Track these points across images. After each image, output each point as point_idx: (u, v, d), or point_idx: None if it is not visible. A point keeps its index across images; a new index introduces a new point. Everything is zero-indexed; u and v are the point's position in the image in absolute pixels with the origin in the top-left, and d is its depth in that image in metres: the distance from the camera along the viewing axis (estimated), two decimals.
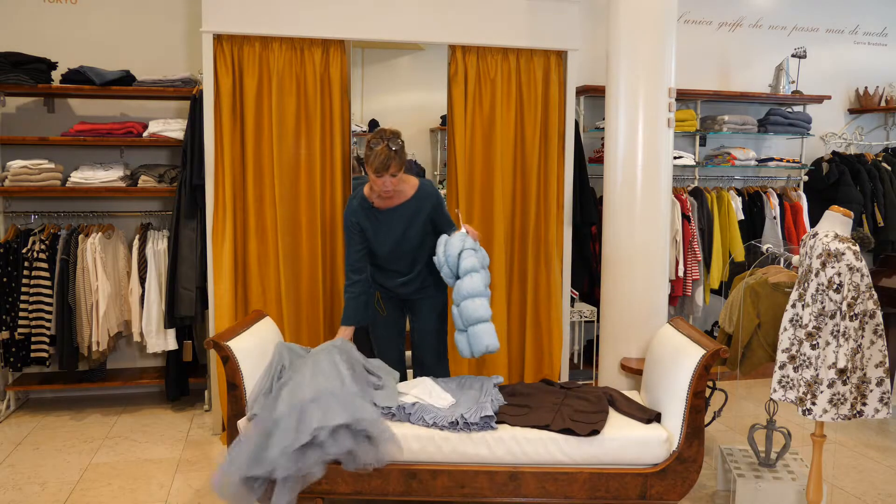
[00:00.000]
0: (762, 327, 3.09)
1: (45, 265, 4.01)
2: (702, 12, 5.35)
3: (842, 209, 2.57)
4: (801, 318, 2.52)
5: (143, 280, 4.11)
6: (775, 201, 5.07)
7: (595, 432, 2.67)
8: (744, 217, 5.02)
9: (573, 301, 4.58)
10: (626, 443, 2.68)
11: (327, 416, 2.53)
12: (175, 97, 4.27)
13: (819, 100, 5.37)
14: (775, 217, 5.05)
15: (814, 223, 4.23)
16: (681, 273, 4.69)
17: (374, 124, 4.69)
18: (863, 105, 5.70)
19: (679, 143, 5.12)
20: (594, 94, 4.85)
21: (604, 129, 3.83)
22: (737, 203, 4.99)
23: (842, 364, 2.38)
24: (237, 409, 2.78)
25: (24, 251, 4.00)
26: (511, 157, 4.12)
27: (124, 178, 4.16)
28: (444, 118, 4.31)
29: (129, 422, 4.06)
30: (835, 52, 5.67)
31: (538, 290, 4.23)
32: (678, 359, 2.80)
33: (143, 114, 4.39)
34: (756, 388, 4.72)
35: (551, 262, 4.21)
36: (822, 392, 2.42)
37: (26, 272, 3.99)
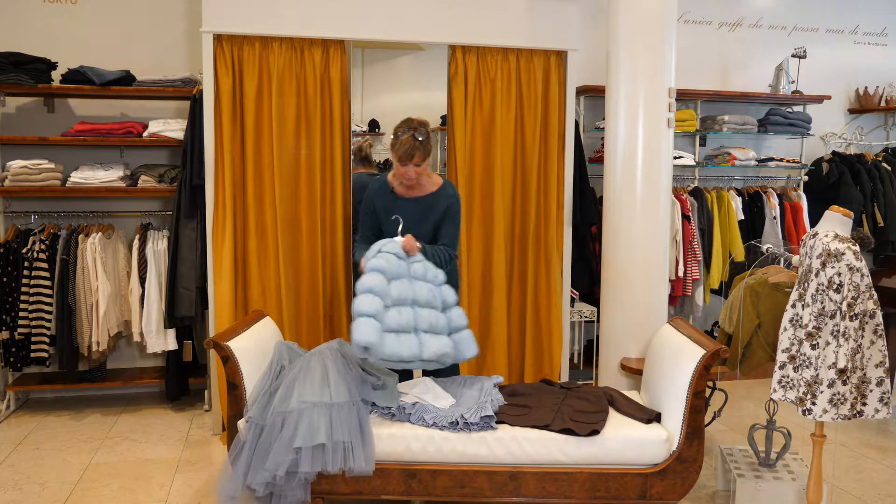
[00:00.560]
0: (762, 327, 3.09)
1: (45, 265, 4.01)
2: (702, 12, 5.35)
3: (842, 209, 2.57)
4: (801, 318, 2.52)
5: (143, 280, 4.11)
6: (775, 201, 5.07)
7: (595, 432, 2.67)
8: (744, 217, 5.02)
9: (573, 301, 4.58)
10: (626, 443, 2.68)
11: (307, 435, 2.54)
12: (175, 97, 4.27)
13: (819, 100, 5.37)
14: (775, 217, 5.05)
15: (814, 223, 4.23)
16: (681, 273, 4.69)
17: (374, 124, 4.70)
18: (863, 105, 5.70)
19: (679, 143, 5.12)
20: (594, 94, 4.85)
21: (604, 129, 3.83)
22: (737, 203, 4.99)
23: (842, 364, 2.38)
24: (237, 409, 2.78)
25: (24, 251, 4.00)
26: (511, 157, 4.13)
27: (124, 178, 4.16)
28: (444, 118, 4.31)
29: (129, 422, 4.06)
30: (835, 52, 5.67)
31: (538, 290, 4.23)
32: (678, 359, 2.80)
33: (143, 114, 4.39)
34: (756, 388, 4.72)
35: (551, 263, 4.21)
36: (822, 392, 2.42)
37: (26, 272, 3.99)
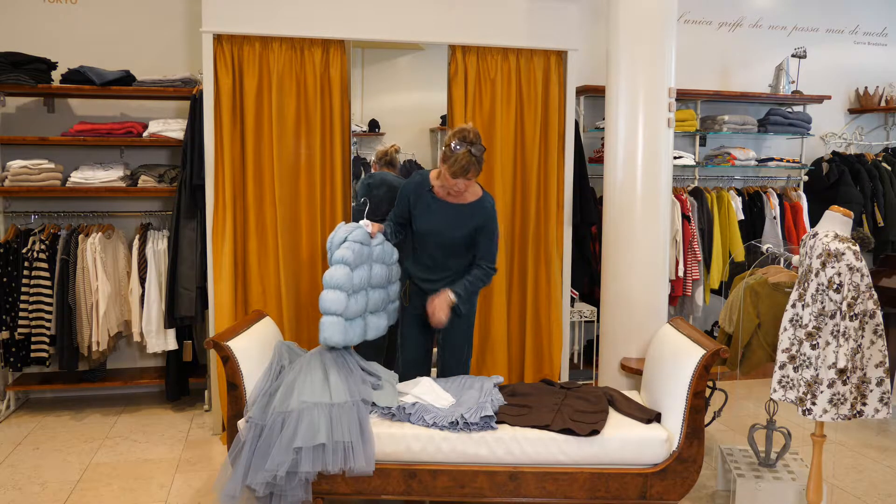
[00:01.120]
0: (762, 327, 3.09)
1: (45, 265, 4.01)
2: (702, 12, 5.35)
3: (842, 209, 2.57)
4: (801, 318, 2.52)
5: (143, 280, 4.11)
6: (775, 201, 5.07)
7: (595, 432, 2.67)
8: (744, 217, 5.02)
9: (573, 301, 4.58)
10: (626, 443, 2.68)
11: (307, 435, 2.55)
12: (175, 97, 4.27)
13: (819, 100, 5.37)
14: (775, 217, 5.05)
15: (814, 223, 4.23)
16: (681, 273, 4.69)
17: (374, 124, 4.69)
18: (863, 105, 5.70)
19: (679, 143, 5.13)
20: (594, 94, 4.85)
21: (604, 129, 3.83)
22: (737, 203, 4.99)
23: (842, 364, 2.38)
24: (237, 409, 2.78)
25: (24, 251, 4.00)
26: (511, 157, 4.13)
27: (124, 178, 4.16)
28: (444, 118, 4.31)
29: (129, 422, 4.06)
30: (835, 52, 5.67)
31: (538, 290, 4.22)
32: (678, 359, 2.80)
33: (143, 114, 4.39)
34: (756, 388, 4.72)
35: (551, 262, 4.21)
36: (822, 392, 2.42)
37: (26, 272, 3.99)
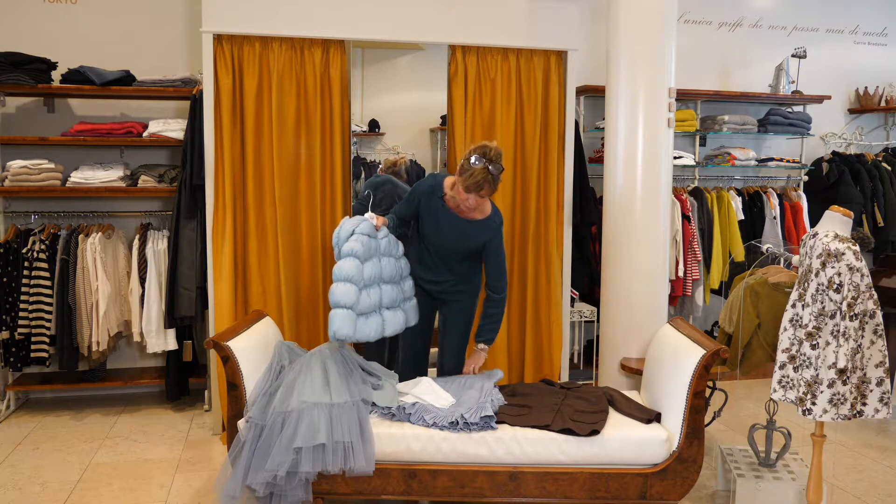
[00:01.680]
0: (762, 327, 3.09)
1: (45, 265, 4.01)
2: (702, 12, 5.35)
3: (842, 209, 2.57)
4: (801, 318, 2.52)
5: (143, 280, 4.11)
6: (775, 201, 5.07)
7: (595, 432, 2.67)
8: (744, 217, 5.02)
9: (573, 301, 4.58)
10: (626, 443, 2.68)
11: (308, 435, 2.55)
12: (175, 97, 4.27)
13: (819, 100, 5.37)
14: (775, 217, 5.05)
15: (814, 223, 4.23)
16: (681, 273, 4.69)
17: (374, 124, 4.69)
18: (863, 105, 5.70)
19: (679, 143, 5.12)
20: (594, 94, 4.85)
21: (604, 129, 3.83)
22: (737, 203, 4.99)
23: (842, 364, 2.38)
24: (237, 409, 2.78)
25: (24, 251, 4.00)
26: (511, 157, 4.12)
27: (124, 178, 4.16)
28: (444, 118, 4.31)
29: (129, 422, 4.06)
30: (835, 52, 5.67)
31: (538, 290, 4.22)
32: (678, 359, 2.80)
33: (143, 114, 4.39)
34: (756, 388, 4.72)
35: (551, 262, 4.21)
36: (822, 392, 2.42)
37: (26, 272, 3.99)
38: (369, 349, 3.71)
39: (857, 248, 2.45)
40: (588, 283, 4.79)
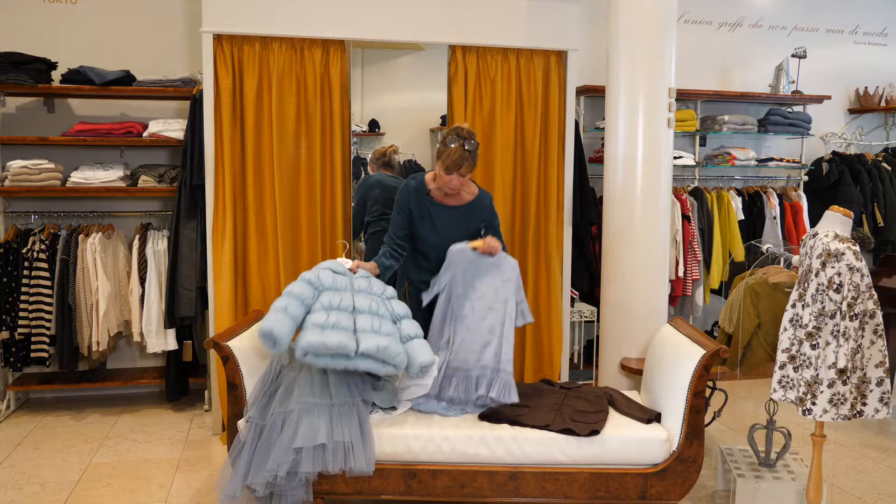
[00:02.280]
0: (762, 327, 3.10)
1: (45, 265, 4.01)
2: (702, 12, 5.35)
3: (842, 209, 2.57)
4: (801, 318, 2.52)
5: (143, 280, 4.11)
6: (775, 201, 5.07)
7: (595, 432, 2.67)
8: (744, 217, 5.02)
9: (573, 301, 4.58)
10: (626, 443, 2.68)
11: (308, 435, 2.54)
12: (175, 97, 4.27)
13: (819, 100, 5.37)
14: (775, 217, 5.05)
15: (814, 223, 4.23)
16: (681, 273, 4.70)
17: (374, 124, 4.70)
18: (863, 105, 5.70)
19: (679, 143, 5.12)
20: (594, 94, 4.85)
21: (604, 129, 3.83)
22: (737, 203, 4.99)
23: (842, 364, 2.38)
24: (237, 409, 2.78)
25: (24, 251, 4.00)
26: (511, 157, 4.13)
27: (124, 178, 4.16)
28: (444, 118, 4.31)
29: (129, 422, 4.06)
30: (835, 52, 5.67)
31: (538, 290, 4.23)
32: (678, 359, 2.80)
33: (143, 114, 4.39)
34: (756, 388, 4.72)
35: (551, 262, 4.21)
36: (822, 392, 2.42)
37: (26, 272, 3.99)
38: None
39: (857, 248, 2.45)
40: (588, 283, 4.79)
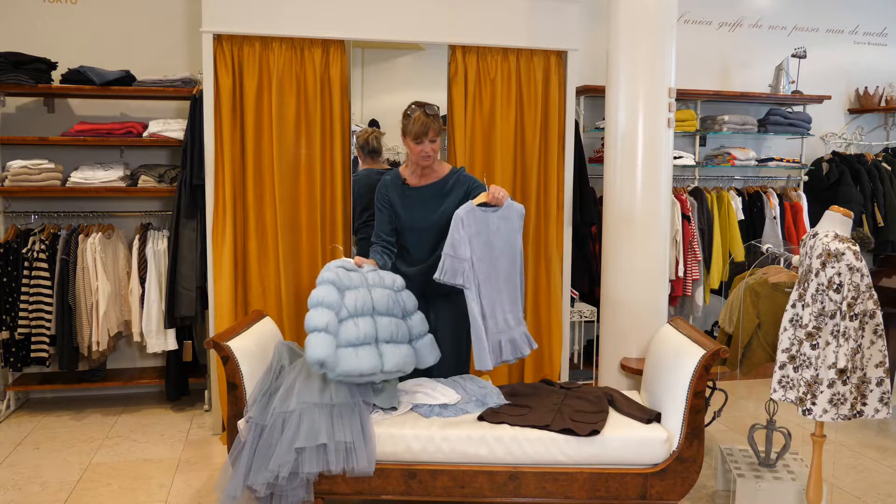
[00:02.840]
0: (762, 327, 3.10)
1: (45, 265, 4.01)
2: (702, 12, 5.35)
3: (842, 209, 2.57)
4: (801, 318, 2.52)
5: (143, 280, 4.11)
6: (775, 201, 5.07)
7: (595, 432, 2.67)
8: (744, 217, 5.02)
9: (573, 301, 4.58)
10: (626, 443, 2.68)
11: (309, 435, 2.54)
12: (175, 97, 4.27)
13: (819, 100, 5.37)
14: (775, 217, 5.05)
15: (814, 223, 4.23)
16: (681, 273, 4.70)
17: (373, 124, 4.69)
18: (863, 105, 5.70)
19: (679, 143, 5.12)
20: (594, 94, 4.85)
21: (604, 129, 3.83)
22: (737, 203, 4.99)
23: (842, 364, 2.39)
24: (237, 409, 2.77)
25: (24, 251, 4.00)
26: (511, 158, 4.13)
27: (124, 178, 4.16)
28: (444, 118, 4.30)
29: (129, 422, 4.06)
30: (835, 52, 5.67)
31: (538, 290, 4.23)
32: (678, 359, 2.80)
33: (143, 114, 4.39)
34: (756, 388, 4.72)
35: (551, 262, 4.21)
36: (822, 392, 2.42)
37: (26, 272, 3.99)
38: None
39: (857, 248, 2.45)
40: (588, 283, 4.79)
